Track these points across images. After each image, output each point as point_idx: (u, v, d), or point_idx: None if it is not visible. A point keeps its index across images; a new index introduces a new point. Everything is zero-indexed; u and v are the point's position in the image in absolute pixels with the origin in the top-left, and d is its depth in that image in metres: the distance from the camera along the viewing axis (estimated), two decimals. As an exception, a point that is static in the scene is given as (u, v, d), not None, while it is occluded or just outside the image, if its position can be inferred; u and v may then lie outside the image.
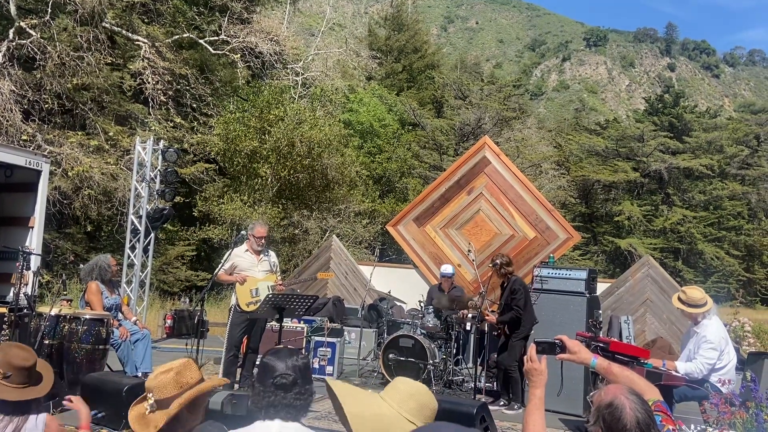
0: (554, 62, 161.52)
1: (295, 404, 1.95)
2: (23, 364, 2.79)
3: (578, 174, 37.70)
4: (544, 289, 6.82)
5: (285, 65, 22.23)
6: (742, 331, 9.51)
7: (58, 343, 5.63)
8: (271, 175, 17.51)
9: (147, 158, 10.34)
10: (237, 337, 6.30)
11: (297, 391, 1.96)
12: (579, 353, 2.62)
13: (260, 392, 1.96)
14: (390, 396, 1.89)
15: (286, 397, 1.94)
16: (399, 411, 1.83)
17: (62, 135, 15.48)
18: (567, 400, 6.01)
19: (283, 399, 1.93)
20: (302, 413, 1.97)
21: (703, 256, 38.93)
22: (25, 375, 2.79)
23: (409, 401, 1.86)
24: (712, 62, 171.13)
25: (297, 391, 1.96)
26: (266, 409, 1.94)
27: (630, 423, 1.91)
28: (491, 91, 33.45)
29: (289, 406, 1.94)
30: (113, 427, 4.48)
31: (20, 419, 2.69)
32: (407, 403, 1.85)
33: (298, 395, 1.96)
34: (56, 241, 15.41)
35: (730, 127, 44.24)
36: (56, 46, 14.91)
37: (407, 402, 1.86)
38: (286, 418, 1.92)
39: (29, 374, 2.81)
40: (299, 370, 2.00)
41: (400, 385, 1.93)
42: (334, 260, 11.10)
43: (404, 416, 1.82)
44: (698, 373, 4.80)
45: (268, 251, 6.60)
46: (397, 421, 1.79)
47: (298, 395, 1.96)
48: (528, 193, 10.16)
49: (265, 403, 1.94)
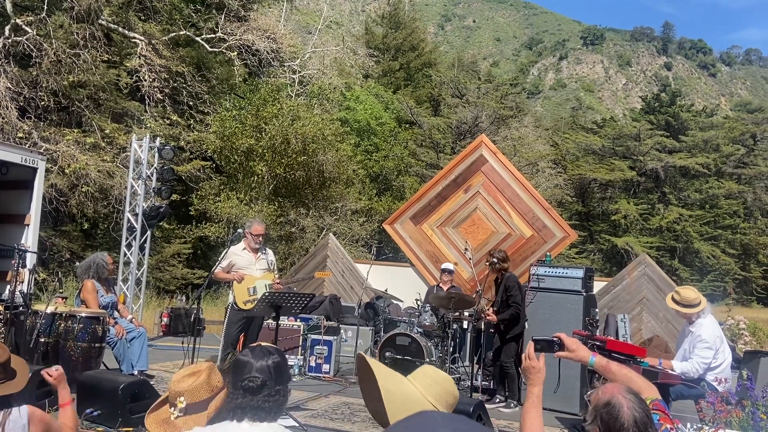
0: (551, 61, 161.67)
1: (263, 406, 1.92)
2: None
3: (575, 172, 37.76)
4: (541, 288, 6.82)
5: (282, 63, 22.21)
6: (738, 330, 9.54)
7: (53, 341, 5.61)
8: (268, 172, 17.49)
9: (143, 156, 10.32)
10: (234, 335, 6.29)
11: (266, 393, 1.93)
12: (577, 351, 2.62)
13: (230, 393, 1.96)
14: (417, 380, 1.95)
15: (254, 400, 1.91)
16: (424, 395, 1.88)
17: (58, 132, 15.44)
18: (563, 399, 6.02)
19: (251, 401, 1.91)
20: (273, 415, 1.94)
21: (700, 254, 39.05)
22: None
23: (435, 386, 1.92)
24: (708, 61, 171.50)
25: (266, 394, 1.93)
26: (234, 411, 1.92)
27: (627, 422, 1.91)
28: (488, 90, 33.47)
29: (257, 408, 1.91)
30: (109, 426, 4.47)
31: (2, 414, 2.69)
32: (433, 388, 1.91)
33: (267, 398, 1.92)
34: (52, 238, 15.37)
35: (727, 126, 44.36)
36: (52, 44, 14.87)
37: (433, 387, 1.92)
38: (254, 418, 1.90)
39: (3, 370, 2.80)
40: (270, 371, 1.96)
41: (428, 370, 2.00)
42: (330, 258, 11.09)
43: (429, 400, 1.87)
44: (694, 372, 4.82)
45: (265, 249, 6.60)
46: (422, 404, 1.84)
47: (267, 398, 1.92)
48: (525, 192, 10.16)
49: (233, 405, 1.93)
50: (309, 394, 6.48)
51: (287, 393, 2.01)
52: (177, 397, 2.20)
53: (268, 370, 1.96)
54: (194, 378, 2.22)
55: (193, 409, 2.19)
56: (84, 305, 6.15)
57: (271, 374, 1.95)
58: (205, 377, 2.23)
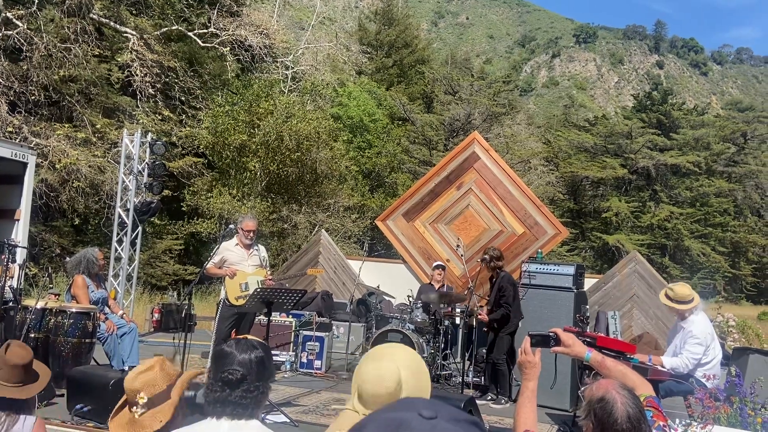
0: (544, 58, 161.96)
1: (242, 402, 1.86)
2: (19, 362, 2.76)
3: (567, 170, 37.89)
4: (532, 285, 6.84)
5: (275, 59, 22.11)
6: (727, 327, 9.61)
7: (43, 336, 5.59)
8: (260, 169, 17.44)
9: (135, 151, 10.27)
10: (225, 330, 6.28)
11: (245, 388, 1.87)
12: (573, 346, 2.63)
13: (210, 386, 1.91)
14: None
15: (232, 395, 1.86)
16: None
17: (49, 127, 15.33)
18: (554, 396, 6.04)
19: (229, 396, 1.86)
20: (250, 411, 1.89)
21: (690, 252, 39.28)
22: (20, 374, 2.76)
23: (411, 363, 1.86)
24: (700, 60, 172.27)
25: (245, 389, 1.87)
26: (213, 405, 1.87)
27: (621, 418, 1.92)
28: (481, 87, 33.48)
29: (236, 404, 1.86)
30: (99, 421, 4.46)
31: (9, 420, 2.65)
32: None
33: (246, 393, 1.87)
34: (42, 234, 15.28)
35: (717, 125, 44.62)
36: (43, 38, 14.75)
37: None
38: (233, 415, 1.86)
39: (26, 372, 2.78)
40: (252, 365, 1.91)
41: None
42: (323, 255, 11.08)
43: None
44: (684, 368, 4.84)
45: (257, 245, 6.58)
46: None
47: (246, 393, 1.87)
48: (517, 189, 10.19)
49: (212, 399, 1.88)
50: (300, 390, 6.48)
51: (267, 390, 1.95)
52: (135, 395, 2.16)
53: (249, 364, 1.91)
54: (148, 373, 2.19)
55: (156, 400, 2.16)
56: (75, 301, 6.12)
57: (252, 369, 1.90)
58: (158, 369, 2.20)
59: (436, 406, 0.89)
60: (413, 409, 0.87)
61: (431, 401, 0.94)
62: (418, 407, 0.88)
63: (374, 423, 0.88)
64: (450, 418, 0.87)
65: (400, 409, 0.89)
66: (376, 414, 0.91)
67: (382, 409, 0.92)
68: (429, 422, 0.85)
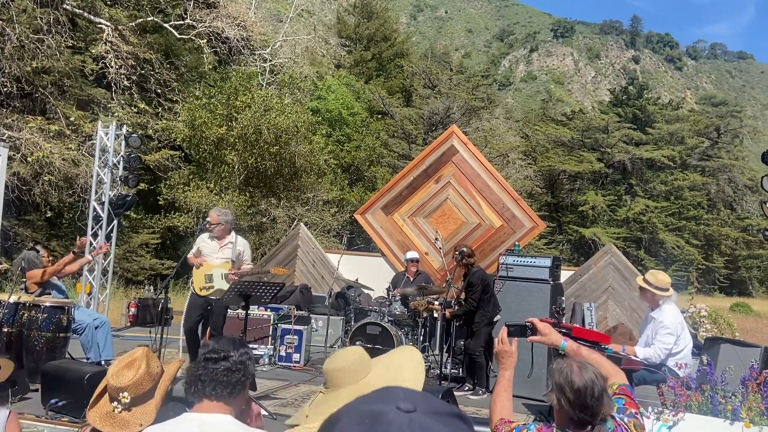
0: (522, 53, 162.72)
1: (223, 380, 1.84)
2: None
3: (544, 164, 38.21)
4: (509, 277, 6.91)
5: (252, 51, 21.93)
6: (699, 318, 9.77)
7: (17, 330, 5.52)
8: (238, 162, 17.31)
9: (110, 144, 10.12)
10: (193, 320, 6.25)
11: (227, 367, 1.86)
12: (549, 335, 2.68)
13: (191, 368, 1.90)
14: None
15: (215, 372, 1.84)
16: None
17: (21, 119, 15.07)
18: (530, 385, 6.12)
19: (211, 373, 1.84)
20: (230, 390, 1.85)
21: (665, 245, 39.91)
22: None
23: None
24: (675, 55, 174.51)
25: (227, 367, 1.86)
26: (194, 384, 1.85)
27: (576, 377, 2.08)
28: (460, 81, 33.61)
29: (217, 381, 1.84)
30: (74, 416, 4.42)
31: None
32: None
33: (228, 371, 1.85)
34: (15, 228, 15.03)
35: (692, 119, 45.31)
36: (15, 28, 14.48)
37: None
38: (212, 396, 1.84)
39: None
40: (236, 347, 1.92)
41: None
42: (301, 248, 11.05)
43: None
44: (656, 357, 4.93)
45: (237, 239, 6.48)
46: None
47: (228, 371, 1.85)
48: (495, 183, 10.25)
49: (193, 378, 1.86)
50: (279, 383, 6.47)
51: (248, 377, 1.94)
52: (119, 393, 2.13)
53: (233, 346, 1.92)
54: (134, 370, 2.15)
55: (138, 401, 2.14)
56: (46, 295, 6.03)
57: (236, 349, 1.91)
58: (144, 368, 2.16)
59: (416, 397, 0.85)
60: (391, 401, 0.82)
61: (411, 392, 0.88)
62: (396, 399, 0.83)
63: (349, 415, 0.84)
64: (430, 411, 0.82)
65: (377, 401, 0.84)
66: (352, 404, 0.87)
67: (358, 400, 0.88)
68: (407, 415, 0.80)
